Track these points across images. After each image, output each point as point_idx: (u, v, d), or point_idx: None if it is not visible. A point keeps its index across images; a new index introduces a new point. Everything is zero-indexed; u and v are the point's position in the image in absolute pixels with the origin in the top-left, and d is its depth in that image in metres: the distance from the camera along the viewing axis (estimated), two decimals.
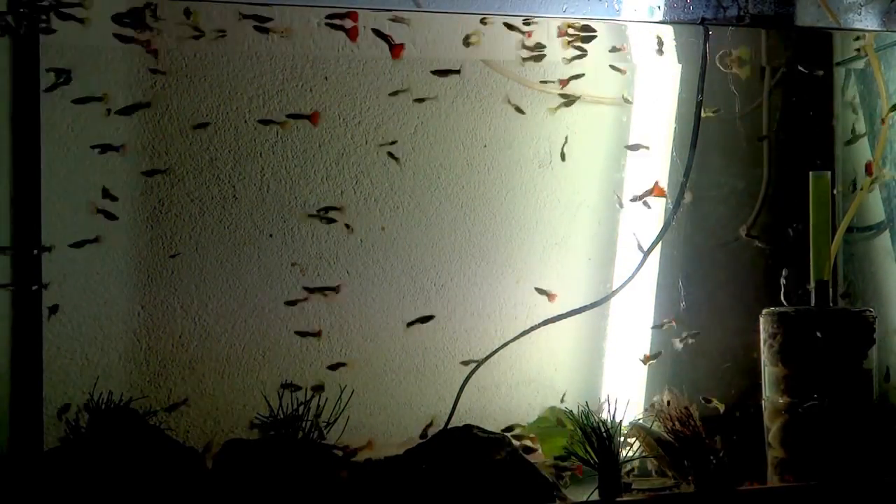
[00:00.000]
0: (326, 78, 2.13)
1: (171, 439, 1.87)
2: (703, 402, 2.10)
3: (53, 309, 1.96)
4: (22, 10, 1.85)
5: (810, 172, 2.13)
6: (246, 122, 2.10)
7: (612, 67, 2.20)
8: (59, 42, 1.95)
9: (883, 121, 2.21)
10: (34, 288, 1.91)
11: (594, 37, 2.13)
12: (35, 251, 1.90)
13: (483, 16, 2.07)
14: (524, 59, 2.12)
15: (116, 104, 2.02)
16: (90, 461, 1.76)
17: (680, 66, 2.23)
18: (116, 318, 2.04)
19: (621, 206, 2.22)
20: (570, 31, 2.13)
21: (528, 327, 2.16)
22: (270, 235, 2.11)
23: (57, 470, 1.76)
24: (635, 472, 2.04)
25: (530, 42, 2.13)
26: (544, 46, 2.14)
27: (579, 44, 2.15)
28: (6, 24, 1.85)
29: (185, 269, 2.07)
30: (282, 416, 1.85)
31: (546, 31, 2.15)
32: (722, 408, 2.14)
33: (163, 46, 2.02)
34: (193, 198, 2.07)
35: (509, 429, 2.11)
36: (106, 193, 2.00)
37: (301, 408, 1.87)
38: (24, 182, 1.91)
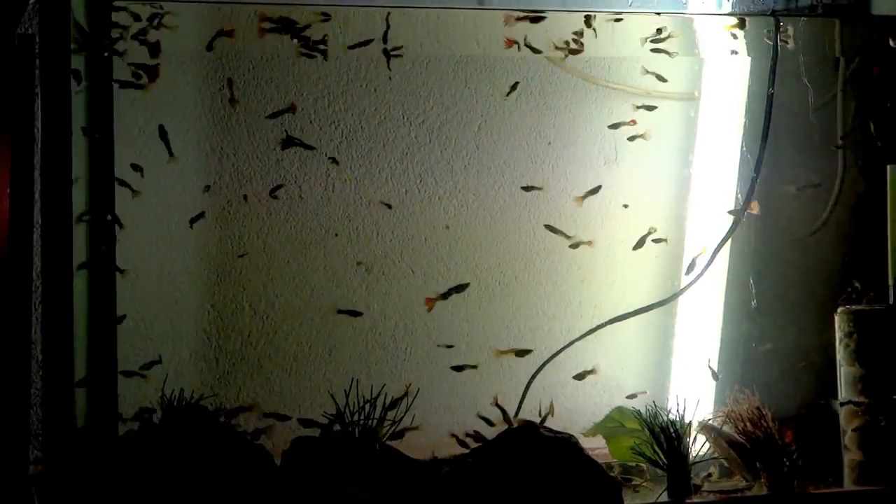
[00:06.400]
0: (391, 78, 2.13)
1: (240, 436, 1.90)
2: None
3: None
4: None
5: (888, 166, 2.06)
6: (311, 122, 2.12)
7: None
8: (132, 46, 2.00)
9: None
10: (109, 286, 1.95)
11: None
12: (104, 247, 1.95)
13: (538, 13, 2.06)
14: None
15: (186, 107, 2.06)
16: (163, 457, 1.79)
17: (749, 58, 2.18)
18: (187, 317, 2.08)
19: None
20: None
21: (594, 325, 2.14)
22: (336, 235, 2.12)
23: (131, 465, 1.80)
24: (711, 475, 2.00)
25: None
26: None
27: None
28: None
29: (253, 268, 2.09)
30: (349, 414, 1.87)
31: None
32: None
33: (231, 50, 2.06)
34: (261, 198, 2.10)
35: None
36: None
37: (367, 406, 1.88)
38: (99, 185, 1.96)
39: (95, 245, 1.93)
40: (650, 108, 2.17)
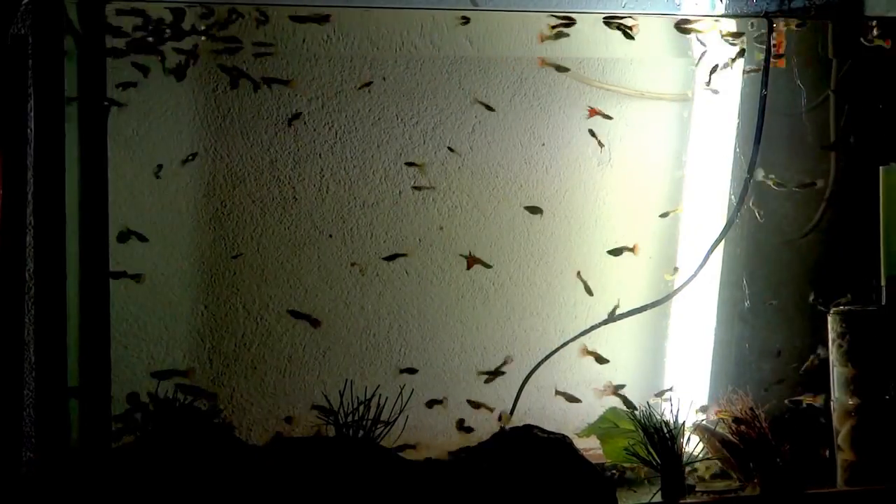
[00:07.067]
0: (385, 78, 2.14)
1: (234, 437, 1.90)
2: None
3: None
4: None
5: (880, 167, 2.07)
6: (305, 123, 2.12)
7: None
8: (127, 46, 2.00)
9: None
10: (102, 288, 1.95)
11: None
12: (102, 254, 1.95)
13: (536, 13, 2.06)
14: None
15: (179, 108, 2.06)
16: (156, 459, 1.79)
17: (742, 60, 2.19)
18: (181, 318, 2.07)
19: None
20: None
21: (588, 326, 2.15)
22: (330, 236, 2.12)
23: (125, 466, 1.80)
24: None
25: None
26: None
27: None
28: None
29: (247, 269, 2.09)
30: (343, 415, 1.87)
31: None
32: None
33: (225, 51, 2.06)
34: (255, 199, 2.10)
35: None
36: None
37: (361, 407, 1.88)
38: (91, 186, 1.95)
39: (88, 246, 1.93)
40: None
